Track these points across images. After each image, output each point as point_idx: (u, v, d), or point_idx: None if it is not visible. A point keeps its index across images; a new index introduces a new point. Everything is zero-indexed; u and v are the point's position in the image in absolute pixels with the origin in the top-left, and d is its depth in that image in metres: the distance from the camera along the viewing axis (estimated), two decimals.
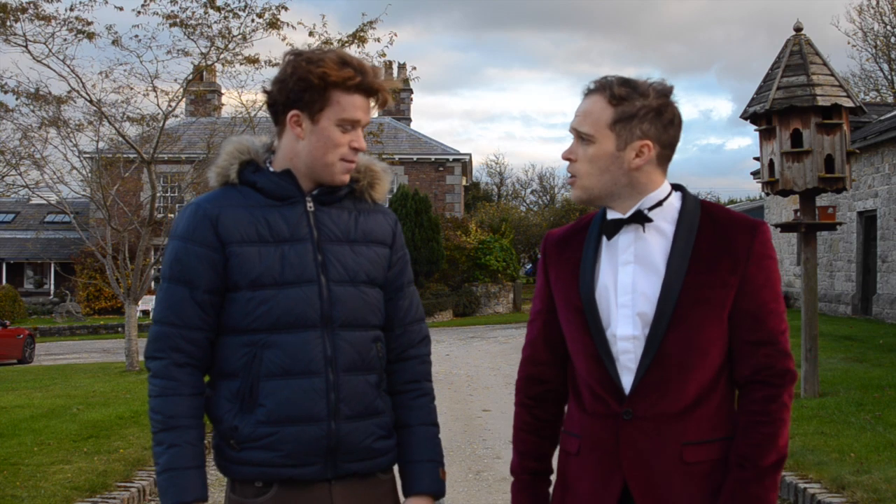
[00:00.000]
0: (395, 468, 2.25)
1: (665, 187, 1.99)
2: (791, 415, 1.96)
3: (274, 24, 13.69)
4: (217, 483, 6.72)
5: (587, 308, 1.97)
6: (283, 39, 14.01)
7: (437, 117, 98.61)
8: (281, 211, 2.10)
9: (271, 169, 2.14)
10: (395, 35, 14.91)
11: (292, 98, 2.07)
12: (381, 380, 2.18)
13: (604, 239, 2.01)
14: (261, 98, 16.45)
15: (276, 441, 2.03)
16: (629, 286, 1.94)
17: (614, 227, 1.98)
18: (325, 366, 2.06)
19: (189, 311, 2.06)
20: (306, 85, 2.05)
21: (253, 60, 14.06)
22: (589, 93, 1.98)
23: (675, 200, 1.99)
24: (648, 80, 1.97)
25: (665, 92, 1.96)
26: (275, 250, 2.06)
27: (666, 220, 1.97)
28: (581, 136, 1.97)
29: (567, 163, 2.02)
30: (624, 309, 1.93)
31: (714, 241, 1.93)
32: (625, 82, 1.95)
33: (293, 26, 14.02)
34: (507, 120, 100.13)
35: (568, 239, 2.08)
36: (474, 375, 13.72)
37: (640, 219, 1.96)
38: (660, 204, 1.97)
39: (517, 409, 2.18)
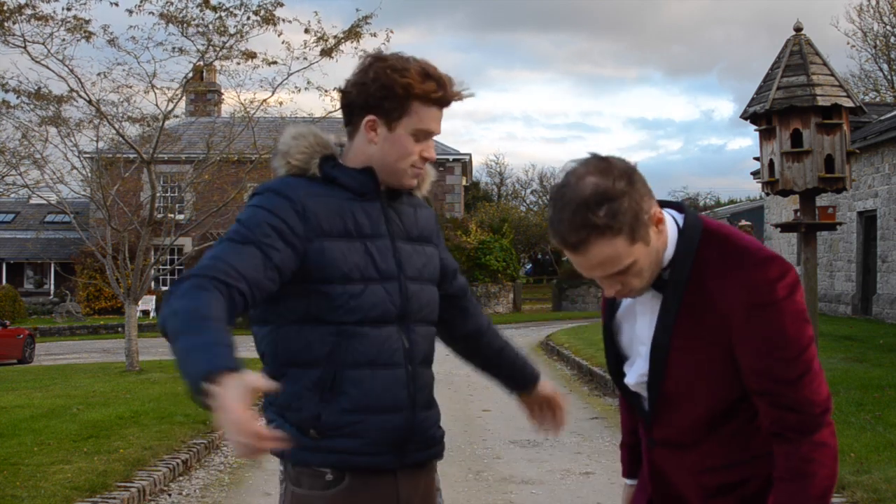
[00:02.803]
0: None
1: (672, 231, 1.85)
2: (833, 451, 1.81)
3: (269, 20, 13.67)
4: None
5: (609, 346, 2.02)
6: (280, 35, 14.00)
7: None
8: (362, 205, 2.14)
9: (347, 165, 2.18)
10: (392, 32, 14.79)
11: (371, 103, 2.10)
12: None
13: None
14: (259, 97, 16.49)
15: (361, 429, 2.07)
16: (645, 336, 1.92)
17: None
18: (405, 358, 2.14)
19: (250, 266, 1.96)
20: (388, 93, 2.07)
21: (250, 55, 14.02)
22: (581, 243, 1.73)
23: (672, 243, 1.86)
24: (604, 172, 1.73)
25: (624, 168, 1.75)
26: (360, 245, 2.10)
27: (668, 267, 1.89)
28: (621, 272, 1.79)
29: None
30: (640, 358, 1.94)
31: (705, 296, 1.81)
32: (597, 202, 1.69)
33: (289, 21, 13.98)
34: (508, 120, 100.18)
35: None
36: (474, 375, 13.63)
37: (659, 285, 1.88)
38: (672, 264, 1.86)
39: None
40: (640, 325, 1.94)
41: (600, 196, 1.69)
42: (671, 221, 1.87)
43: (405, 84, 2.06)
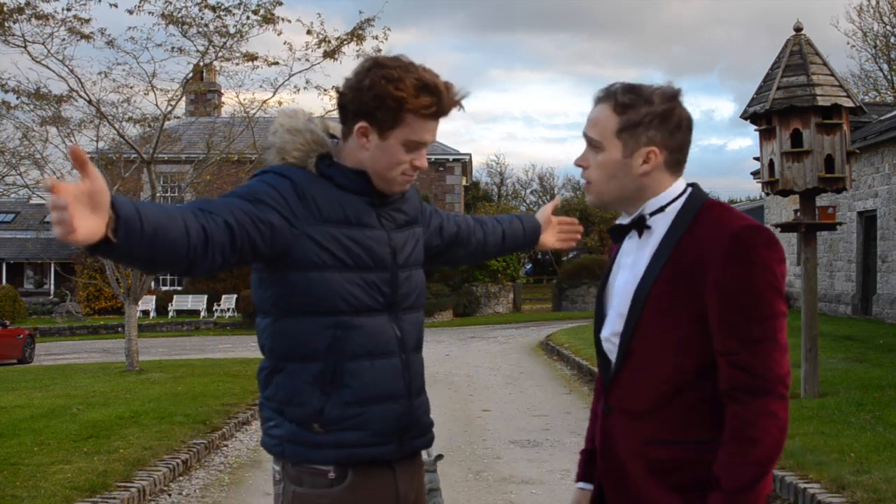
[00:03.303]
0: None
1: (674, 189, 2.00)
2: (780, 423, 1.84)
3: (269, 20, 13.66)
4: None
5: (596, 309, 2.10)
6: (280, 34, 13.99)
7: None
8: (357, 198, 2.16)
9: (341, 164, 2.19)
10: (389, 30, 14.78)
11: (364, 111, 2.09)
12: None
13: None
14: (259, 97, 16.50)
15: (365, 420, 2.09)
16: (621, 290, 2.00)
17: (619, 233, 2.06)
18: (398, 347, 2.17)
19: (239, 210, 1.97)
20: (381, 104, 2.06)
21: (251, 57, 14.02)
22: (597, 101, 2.02)
23: (680, 204, 2.00)
24: (654, 86, 1.99)
25: (671, 96, 1.98)
26: (359, 233, 2.12)
27: (665, 224, 1.99)
28: (591, 143, 2.01)
29: (581, 169, 2.08)
30: (613, 311, 2.01)
31: (690, 248, 1.92)
32: (630, 89, 1.97)
33: (289, 21, 13.97)
34: (508, 120, 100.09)
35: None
36: (474, 375, 13.71)
37: (640, 225, 2.00)
38: (662, 209, 1.99)
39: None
40: (620, 277, 2.02)
41: (638, 93, 1.96)
42: (681, 187, 2.02)
43: (399, 98, 2.05)
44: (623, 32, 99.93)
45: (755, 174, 24.24)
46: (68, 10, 13.16)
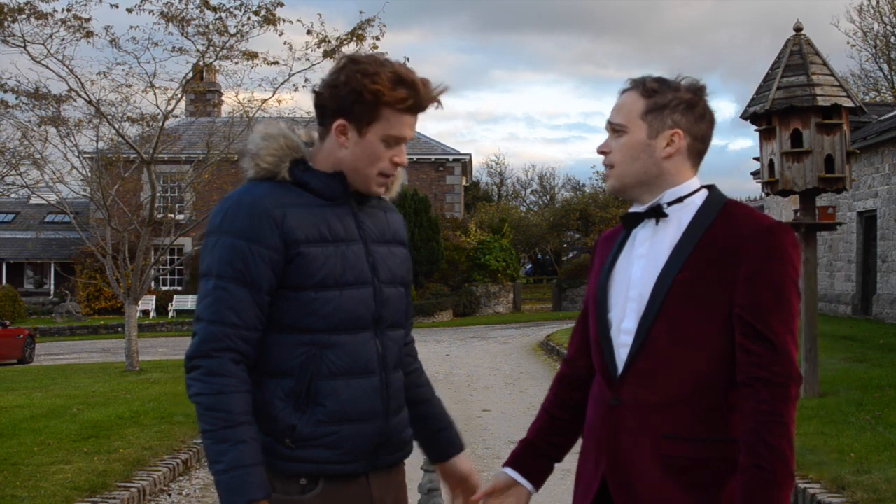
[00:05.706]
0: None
1: (692, 184, 2.04)
2: (793, 415, 1.88)
3: (270, 20, 13.66)
4: None
5: (599, 298, 2.06)
6: (281, 35, 13.99)
7: (440, 118, 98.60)
8: (333, 210, 2.12)
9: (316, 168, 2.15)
10: (385, 26, 14.76)
11: (342, 107, 2.07)
12: None
13: (632, 233, 2.08)
14: (258, 97, 16.51)
15: (337, 440, 2.06)
16: (639, 280, 1.98)
17: (633, 221, 2.06)
18: (379, 365, 2.13)
19: (250, 312, 2.03)
20: (358, 98, 2.04)
21: (251, 55, 14.02)
22: (623, 91, 2.08)
23: (699, 198, 2.02)
24: (681, 78, 2.05)
25: (696, 88, 2.04)
26: (335, 250, 2.08)
27: (686, 215, 2.00)
28: (615, 128, 2.04)
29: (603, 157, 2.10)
30: (632, 303, 1.98)
31: (721, 239, 1.93)
32: (658, 79, 2.04)
33: (290, 21, 13.97)
34: (510, 121, 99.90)
35: (613, 235, 2.16)
36: (474, 375, 13.71)
37: (656, 213, 2.01)
38: (681, 200, 2.01)
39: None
40: (636, 266, 2.01)
41: (665, 81, 2.03)
42: (697, 183, 2.05)
43: (375, 90, 2.03)
44: (626, 34, 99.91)
45: (755, 174, 24.24)
46: (68, 10, 13.16)
